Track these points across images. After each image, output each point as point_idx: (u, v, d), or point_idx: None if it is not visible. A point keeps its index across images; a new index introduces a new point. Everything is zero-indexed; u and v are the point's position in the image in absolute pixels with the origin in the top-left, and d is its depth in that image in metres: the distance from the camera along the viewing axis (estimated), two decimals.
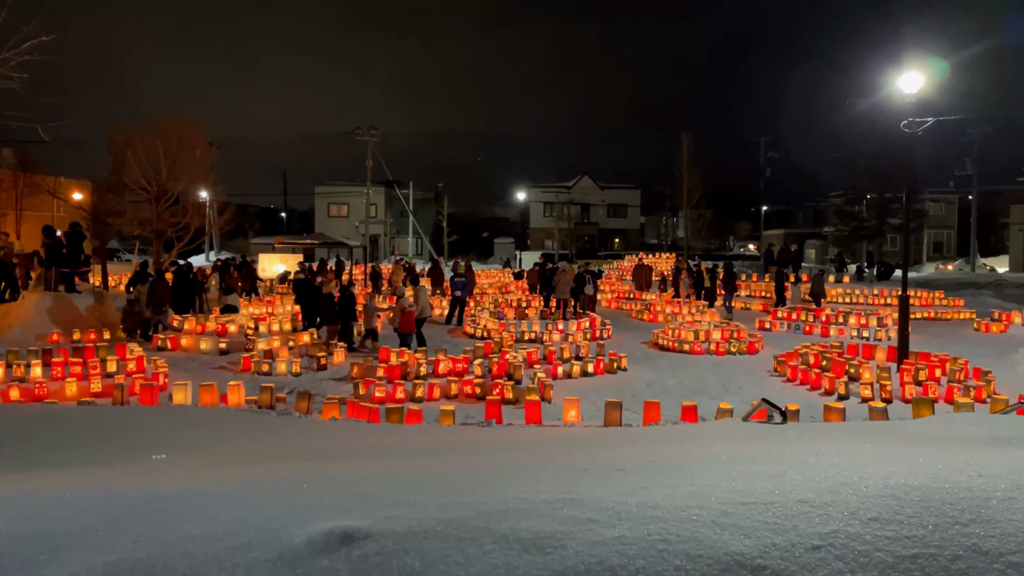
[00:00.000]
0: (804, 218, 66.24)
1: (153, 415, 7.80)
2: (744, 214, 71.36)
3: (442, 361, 12.29)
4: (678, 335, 15.37)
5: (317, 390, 10.70)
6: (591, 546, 2.11)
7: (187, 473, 3.71)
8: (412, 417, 8.76)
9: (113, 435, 5.80)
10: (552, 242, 56.89)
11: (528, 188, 61.21)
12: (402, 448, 5.33)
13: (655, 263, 35.39)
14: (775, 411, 6.62)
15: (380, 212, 55.05)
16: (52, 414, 7.59)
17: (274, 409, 9.31)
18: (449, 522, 2.29)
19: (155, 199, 22.43)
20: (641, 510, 2.39)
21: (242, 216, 46.65)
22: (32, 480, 3.42)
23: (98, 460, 4.37)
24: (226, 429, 6.61)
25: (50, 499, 2.76)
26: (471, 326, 17.43)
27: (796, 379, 12.08)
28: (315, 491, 2.84)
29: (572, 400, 9.22)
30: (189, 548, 2.06)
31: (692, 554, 2.06)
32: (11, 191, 26.52)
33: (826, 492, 2.63)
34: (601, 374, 12.70)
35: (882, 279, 30.18)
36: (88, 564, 1.97)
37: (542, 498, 2.59)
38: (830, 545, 2.17)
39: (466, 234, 66.06)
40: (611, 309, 23.19)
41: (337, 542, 2.08)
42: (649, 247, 58.90)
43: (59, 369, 11.31)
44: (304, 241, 32.06)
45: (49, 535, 2.19)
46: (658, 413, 8.76)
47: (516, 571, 1.99)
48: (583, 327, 16.62)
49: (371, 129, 34.12)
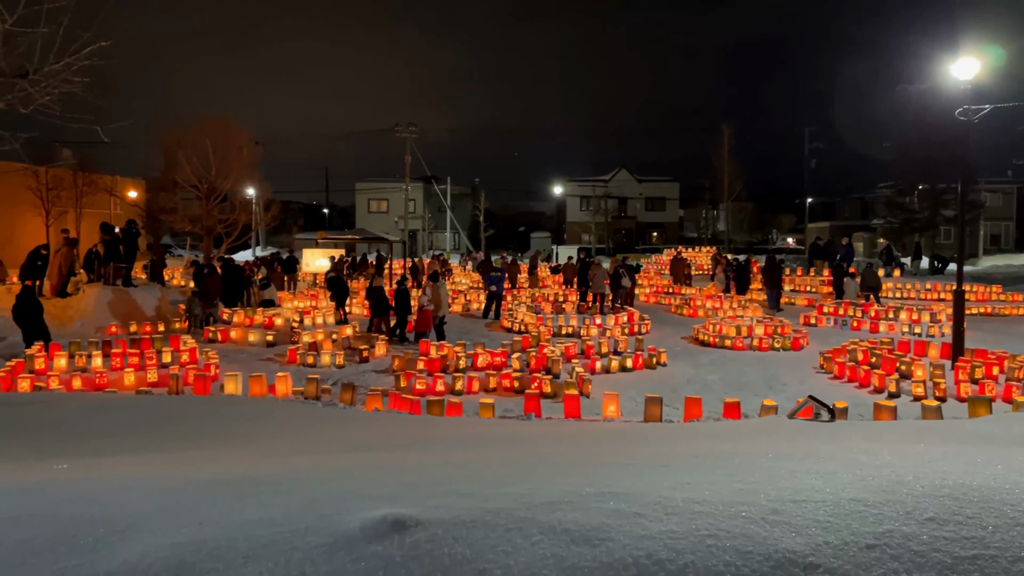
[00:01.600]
0: (850, 210, 64.68)
1: (207, 404, 8.04)
2: (787, 206, 70.01)
3: (481, 355, 12.38)
4: (719, 330, 15.19)
5: (360, 382, 10.88)
6: (638, 539, 2.13)
7: (245, 460, 3.83)
8: (452, 409, 8.85)
9: (171, 423, 6.00)
10: (589, 236, 56.63)
11: (564, 182, 60.99)
12: (445, 439, 5.40)
13: (694, 257, 35.01)
14: (823, 409, 6.52)
15: (419, 207, 55.52)
16: (112, 403, 7.87)
17: (319, 400, 9.50)
18: (496, 512, 2.33)
19: (205, 196, 23.01)
20: (688, 505, 2.39)
21: (286, 212, 47.48)
22: (98, 465, 3.57)
23: (158, 447, 4.53)
24: (276, 419, 6.78)
25: (117, 483, 2.88)
26: (508, 320, 17.49)
27: (844, 376, 11.83)
28: (365, 480, 2.90)
29: (611, 395, 9.19)
30: (249, 532, 2.14)
31: (742, 550, 2.06)
32: (71, 189, 27.47)
33: (879, 491, 2.60)
34: (640, 369, 12.63)
35: (936, 273, 29.28)
36: (156, 545, 2.06)
37: (587, 491, 2.61)
38: (885, 545, 2.14)
39: (502, 228, 66.22)
40: (649, 304, 23.00)
41: (389, 529, 2.13)
42: (688, 241, 58.24)
43: (118, 360, 11.71)
44: (345, 236, 32.50)
45: (118, 517, 2.29)
46: (699, 409, 8.69)
47: (564, 562, 2.01)
48: (621, 322, 16.54)
49: (410, 126, 34.41)
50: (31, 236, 26.08)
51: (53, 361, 11.49)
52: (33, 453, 4.36)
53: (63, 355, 11.67)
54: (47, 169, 25.88)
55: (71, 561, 2.02)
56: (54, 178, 27.06)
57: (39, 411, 6.91)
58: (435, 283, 15.68)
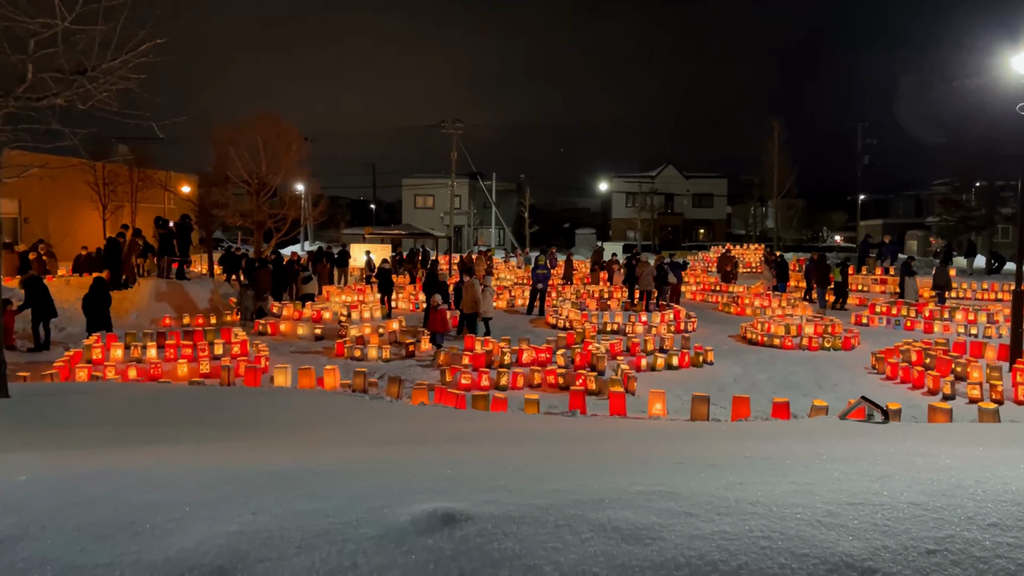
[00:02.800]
0: (904, 207, 62.75)
1: (257, 396, 8.22)
2: (838, 203, 68.17)
3: (525, 351, 12.38)
4: (768, 329, 14.90)
5: (406, 376, 10.99)
6: (690, 539, 2.09)
7: (296, 451, 3.90)
8: (498, 405, 8.87)
9: (223, 413, 6.16)
10: (634, 233, 56.14)
11: (610, 178, 60.57)
12: (491, 434, 5.41)
13: (742, 254, 34.38)
14: (875, 410, 6.34)
15: (464, 203, 55.80)
16: (166, 393, 8.12)
17: (367, 393, 9.64)
18: (546, 508, 2.32)
19: (255, 192, 23.57)
20: (740, 506, 2.35)
21: (334, 208, 48.29)
22: (154, 453, 3.67)
23: (211, 436, 4.65)
24: (325, 411, 6.89)
25: (172, 472, 2.96)
26: (553, 316, 17.45)
27: (896, 377, 11.50)
28: (414, 473, 2.93)
29: (657, 393, 9.10)
30: (302, 522, 2.17)
31: (797, 552, 2.01)
32: (127, 184, 28.40)
33: (939, 495, 2.51)
34: (686, 367, 12.48)
35: (992, 272, 28.19)
36: (211, 533, 2.10)
37: (637, 489, 2.58)
38: (946, 550, 2.07)
39: (547, 225, 66.09)
40: (696, 301, 22.70)
41: (439, 522, 2.14)
42: (736, 238, 57.22)
43: (171, 351, 12.06)
44: (392, 231, 32.95)
45: (175, 505, 2.35)
46: (747, 408, 8.54)
47: (615, 560, 1.99)
48: (667, 319, 16.35)
49: (456, 122, 34.61)
50: (87, 230, 27.04)
51: (110, 352, 11.89)
52: (91, 441, 4.51)
53: (119, 346, 12.08)
54: (104, 164, 26.78)
55: (130, 547, 2.07)
56: (110, 173, 27.98)
57: (96, 400, 7.15)
58: (470, 277, 15.61)
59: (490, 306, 15.73)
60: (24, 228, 26.25)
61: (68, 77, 6.93)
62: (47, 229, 26.02)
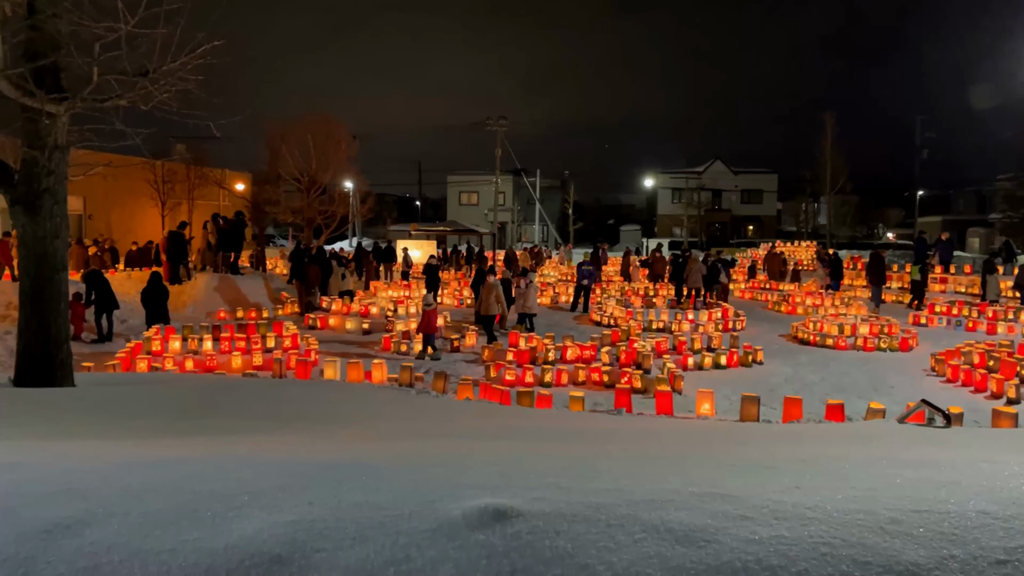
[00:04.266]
0: (965, 204, 60.51)
1: (308, 388, 8.39)
2: (895, 200, 66.04)
3: (570, 348, 12.35)
4: (820, 328, 14.55)
5: (451, 371, 11.07)
6: (746, 543, 2.05)
7: (349, 444, 3.96)
8: (542, 401, 8.87)
9: (276, 405, 6.30)
10: (680, 229, 55.42)
11: (656, 174, 59.91)
12: (536, 431, 5.40)
13: (793, 251, 33.60)
14: (936, 413, 6.13)
15: (508, 200, 55.89)
16: (222, 384, 8.35)
17: (413, 387, 9.75)
18: (597, 507, 2.30)
19: (306, 189, 24.09)
20: (799, 510, 2.29)
21: (381, 204, 48.93)
22: (213, 443, 3.78)
23: (265, 427, 4.76)
24: (373, 404, 6.99)
25: (231, 461, 3.04)
26: (597, 313, 17.36)
27: (957, 380, 11.11)
28: (464, 467, 2.94)
29: (705, 392, 8.97)
30: (356, 514, 2.20)
31: (860, 560, 1.95)
32: (184, 182, 29.35)
33: (1009, 504, 2.41)
34: (735, 367, 12.28)
35: None
36: (270, 523, 2.15)
37: (690, 490, 2.54)
38: (1017, 560, 1.98)
39: (591, 221, 65.74)
40: (745, 299, 22.31)
41: (491, 518, 2.14)
42: (786, 235, 55.98)
43: (226, 343, 12.40)
44: (437, 228, 33.24)
45: (233, 494, 2.41)
46: (799, 410, 8.35)
47: (669, 562, 1.96)
48: (715, 317, 16.10)
49: (500, 119, 34.69)
50: (147, 226, 27.97)
51: (168, 344, 12.28)
52: (151, 430, 4.66)
53: (177, 338, 12.46)
54: (163, 163, 27.67)
55: (192, 534, 2.13)
56: (169, 171, 28.93)
57: (156, 390, 7.39)
58: (491, 275, 15.03)
59: (534, 302, 15.71)
60: (87, 224, 27.31)
61: (131, 79, 7.18)
62: (109, 225, 27.04)
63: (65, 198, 7.74)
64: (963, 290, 22.18)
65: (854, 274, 24.89)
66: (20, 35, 7.11)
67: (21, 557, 2.04)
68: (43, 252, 7.50)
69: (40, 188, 7.41)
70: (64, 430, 4.54)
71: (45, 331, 7.52)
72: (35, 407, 5.59)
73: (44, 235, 7.48)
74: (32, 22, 6.95)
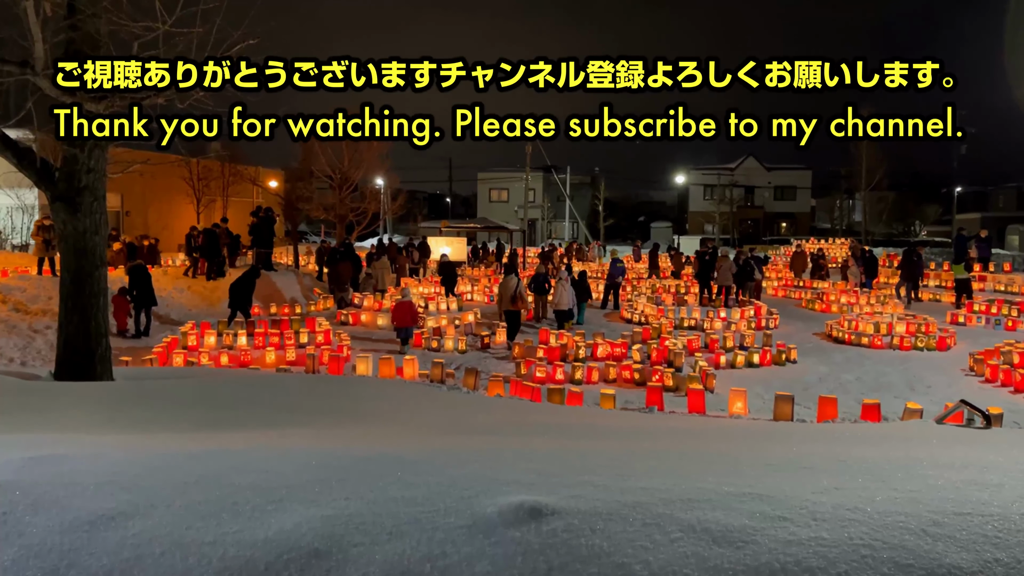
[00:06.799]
0: (1005, 200, 58.90)
1: (341, 384, 8.49)
2: (933, 196, 64.51)
3: (600, 345, 12.30)
4: (855, 327, 14.30)
5: (482, 367, 11.10)
6: (785, 544, 2.03)
7: (383, 439, 4.00)
8: (573, 399, 8.85)
9: (310, 400, 6.38)
10: (712, 226, 54.82)
11: (688, 171, 59.23)
12: (568, 428, 5.40)
13: (828, 248, 33.02)
14: (976, 414, 5.99)
15: (538, 197, 55.82)
16: (256, 379, 8.48)
17: (444, 383, 9.80)
18: (633, 506, 2.29)
19: (338, 186, 24.30)
20: (838, 512, 2.25)
21: (412, 202, 49.25)
22: (250, 437, 3.84)
23: (300, 422, 4.82)
24: (405, 400, 7.04)
25: (268, 455, 3.08)
26: (628, 311, 17.26)
27: (997, 380, 10.84)
28: (498, 464, 2.95)
29: (738, 391, 8.88)
30: (393, 509, 2.22)
31: (901, 563, 1.92)
32: (219, 179, 29.86)
33: None
34: (768, 365, 12.13)
35: None
36: (308, 516, 2.18)
37: (727, 490, 2.52)
38: None
39: (622, 218, 65.35)
40: (778, 297, 22.01)
41: (527, 516, 2.14)
42: (821, 232, 55.07)
43: (260, 339, 12.58)
44: (467, 225, 33.33)
45: (272, 488, 2.45)
46: (835, 410, 8.22)
47: (706, 562, 1.95)
48: (747, 315, 15.91)
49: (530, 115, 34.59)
50: (183, 222, 28.49)
51: (204, 339, 12.50)
52: (189, 424, 4.74)
53: (212, 333, 12.68)
54: (199, 160, 28.14)
55: (232, 527, 2.17)
56: (204, 168, 29.43)
57: (192, 385, 7.53)
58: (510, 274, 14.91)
59: (564, 299, 15.65)
60: (125, 221, 27.92)
61: None
62: (147, 221, 27.62)
63: (104, 195, 7.90)
64: (1002, 288, 21.62)
65: (890, 272, 24.39)
66: (60, 35, 7.28)
67: (66, 548, 2.09)
68: (83, 247, 7.67)
69: (80, 185, 7.58)
70: (106, 423, 4.65)
71: (85, 325, 7.69)
72: (77, 400, 5.73)
73: (84, 231, 7.65)
74: (72, 22, 7.11)
